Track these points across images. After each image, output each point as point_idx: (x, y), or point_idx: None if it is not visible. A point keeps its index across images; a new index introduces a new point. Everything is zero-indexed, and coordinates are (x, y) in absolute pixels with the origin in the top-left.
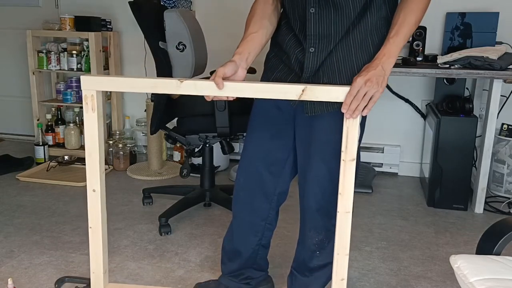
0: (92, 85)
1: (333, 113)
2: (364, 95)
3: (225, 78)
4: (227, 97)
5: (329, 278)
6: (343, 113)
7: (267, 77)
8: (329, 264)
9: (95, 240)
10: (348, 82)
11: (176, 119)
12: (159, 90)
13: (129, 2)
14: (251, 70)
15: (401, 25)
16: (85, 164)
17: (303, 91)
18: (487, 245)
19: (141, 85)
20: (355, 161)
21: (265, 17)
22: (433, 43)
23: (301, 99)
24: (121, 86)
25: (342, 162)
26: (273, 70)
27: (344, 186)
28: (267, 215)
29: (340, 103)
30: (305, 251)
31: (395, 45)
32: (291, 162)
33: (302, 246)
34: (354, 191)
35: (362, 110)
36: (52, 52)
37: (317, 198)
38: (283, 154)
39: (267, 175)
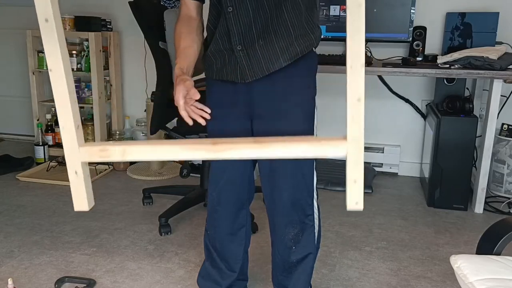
0: None
1: (290, 102)
2: None
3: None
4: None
5: (311, 268)
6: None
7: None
8: (309, 254)
9: (58, 83)
10: (284, 40)
11: (176, 119)
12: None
13: (129, 2)
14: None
15: None
16: None
17: None
18: (487, 245)
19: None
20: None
21: (193, 32)
22: (433, 43)
23: None
24: None
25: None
26: (212, 66)
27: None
28: (245, 221)
29: (281, 67)
30: (282, 250)
31: None
32: (253, 164)
33: (278, 246)
34: None
35: None
36: None
37: (292, 192)
38: (248, 160)
39: (240, 182)
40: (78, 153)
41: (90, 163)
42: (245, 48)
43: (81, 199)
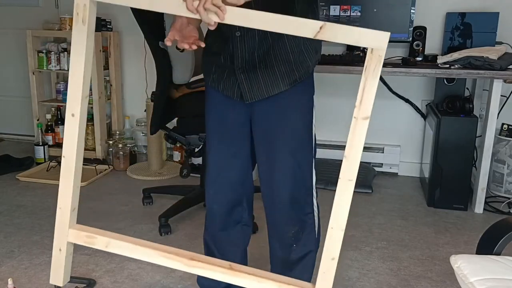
0: None
1: (289, 103)
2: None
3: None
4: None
5: (313, 267)
6: (298, 99)
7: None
8: (309, 252)
9: (67, 171)
10: (284, 65)
11: (176, 119)
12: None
13: None
14: None
15: None
16: (85, 164)
17: (320, 28)
18: (487, 245)
19: None
20: (368, 121)
21: None
22: (433, 43)
23: (318, 37)
24: None
25: (353, 120)
26: (208, 74)
27: (351, 147)
28: (241, 218)
29: (282, 90)
30: (282, 248)
31: None
32: (252, 162)
33: (278, 243)
34: (354, 191)
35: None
36: (52, 52)
37: (290, 190)
38: (246, 158)
39: (237, 181)
40: (66, 234)
41: (90, 163)
42: (246, 71)
43: (59, 274)
